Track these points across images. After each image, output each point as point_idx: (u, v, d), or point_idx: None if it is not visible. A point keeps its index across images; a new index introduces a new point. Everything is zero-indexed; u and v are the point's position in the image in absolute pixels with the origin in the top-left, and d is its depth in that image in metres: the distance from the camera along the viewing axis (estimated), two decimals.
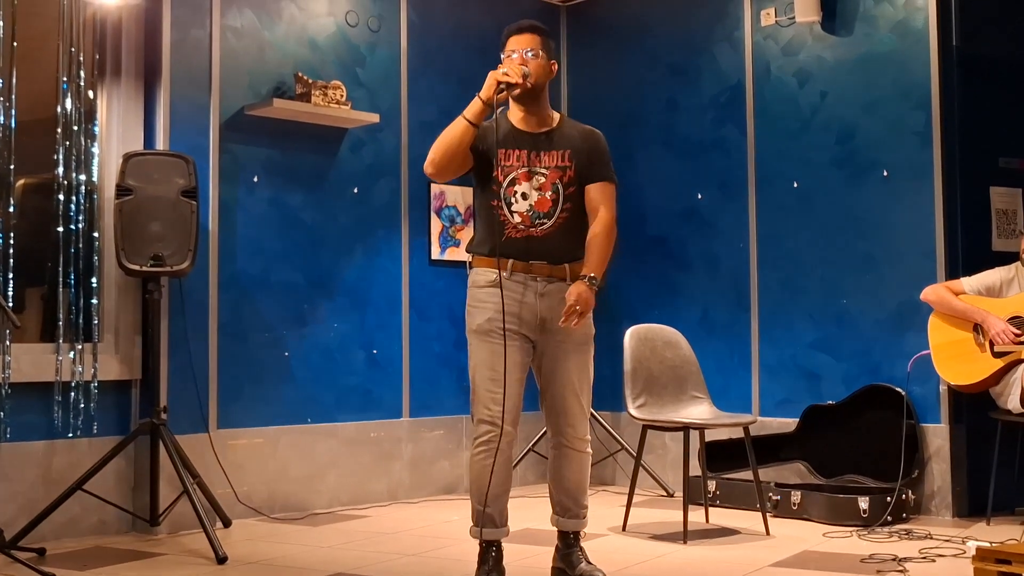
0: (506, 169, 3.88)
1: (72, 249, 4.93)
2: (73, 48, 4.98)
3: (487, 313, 3.82)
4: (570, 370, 3.90)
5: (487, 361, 3.81)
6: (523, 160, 3.89)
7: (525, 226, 3.85)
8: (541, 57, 3.90)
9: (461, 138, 3.81)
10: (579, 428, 3.93)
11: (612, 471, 6.48)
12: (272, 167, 5.54)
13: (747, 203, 6.05)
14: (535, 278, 3.85)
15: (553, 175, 3.88)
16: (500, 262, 3.82)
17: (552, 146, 3.92)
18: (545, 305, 3.84)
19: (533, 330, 3.86)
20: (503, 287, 3.79)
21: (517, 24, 3.96)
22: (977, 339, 4.98)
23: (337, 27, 5.83)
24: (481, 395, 3.82)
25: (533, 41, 3.90)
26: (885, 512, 5.01)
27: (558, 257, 3.87)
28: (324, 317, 5.70)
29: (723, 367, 6.01)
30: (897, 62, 5.52)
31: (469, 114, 3.80)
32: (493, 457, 3.78)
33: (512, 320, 3.81)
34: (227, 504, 5.09)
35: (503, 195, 3.86)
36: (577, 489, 3.98)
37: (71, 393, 4.85)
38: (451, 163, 3.86)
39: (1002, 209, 5.55)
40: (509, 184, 3.87)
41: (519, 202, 3.86)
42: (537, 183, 3.87)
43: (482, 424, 3.81)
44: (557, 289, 3.85)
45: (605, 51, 6.77)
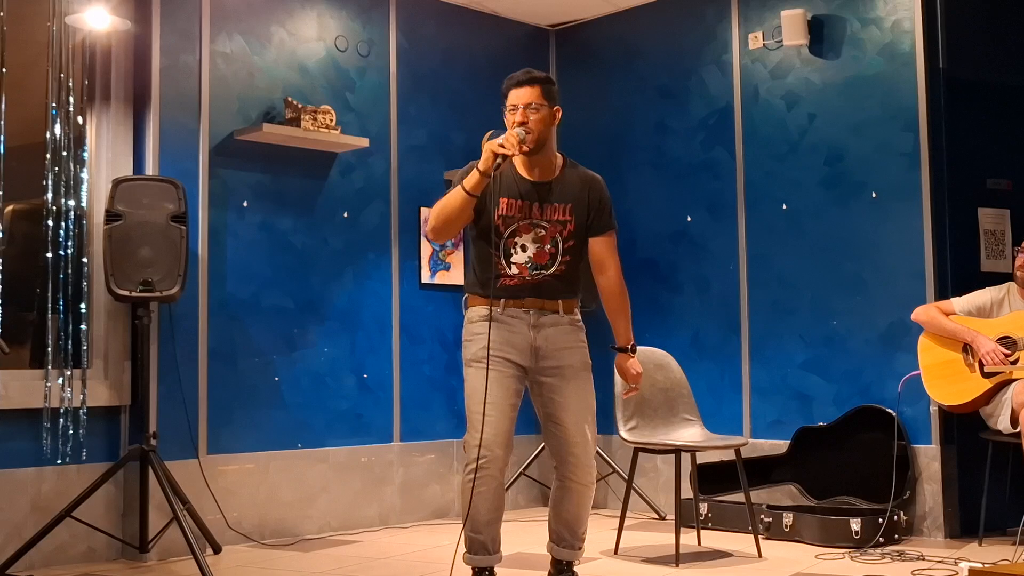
0: (507, 220, 3.89)
1: (61, 275, 4.92)
2: (62, 74, 4.98)
3: (481, 342, 3.83)
4: (570, 397, 3.91)
5: (480, 388, 3.82)
6: (525, 212, 3.89)
7: (521, 275, 3.89)
8: (543, 108, 3.87)
9: (462, 209, 3.82)
10: (583, 460, 3.91)
11: (604, 494, 6.46)
12: (262, 192, 5.54)
13: (737, 225, 6.06)
14: (527, 311, 3.89)
15: (553, 229, 3.91)
16: (493, 303, 3.86)
17: (554, 198, 3.92)
18: (539, 336, 3.89)
19: (527, 359, 3.88)
20: (497, 320, 3.84)
21: (517, 77, 3.92)
22: (967, 359, 4.99)
23: (327, 52, 5.84)
24: (474, 421, 3.82)
25: (533, 94, 3.86)
26: (877, 533, 5.00)
27: (551, 294, 3.93)
28: (314, 341, 5.69)
29: (714, 389, 6.01)
30: (884, 85, 5.54)
31: (468, 186, 3.78)
32: (485, 484, 3.79)
33: (505, 349, 3.85)
34: (217, 530, 5.06)
35: (503, 246, 3.89)
36: (575, 521, 3.98)
37: (60, 419, 4.83)
38: (452, 230, 3.91)
39: (990, 230, 5.57)
40: (510, 235, 3.89)
41: (518, 254, 3.89)
42: (537, 236, 3.90)
43: (476, 449, 3.80)
44: (549, 321, 3.91)
45: (594, 75, 6.79)
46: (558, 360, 3.90)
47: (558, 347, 3.91)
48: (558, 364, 3.90)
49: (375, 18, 6.07)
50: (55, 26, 4.97)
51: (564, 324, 3.94)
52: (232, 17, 5.48)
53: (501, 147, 3.74)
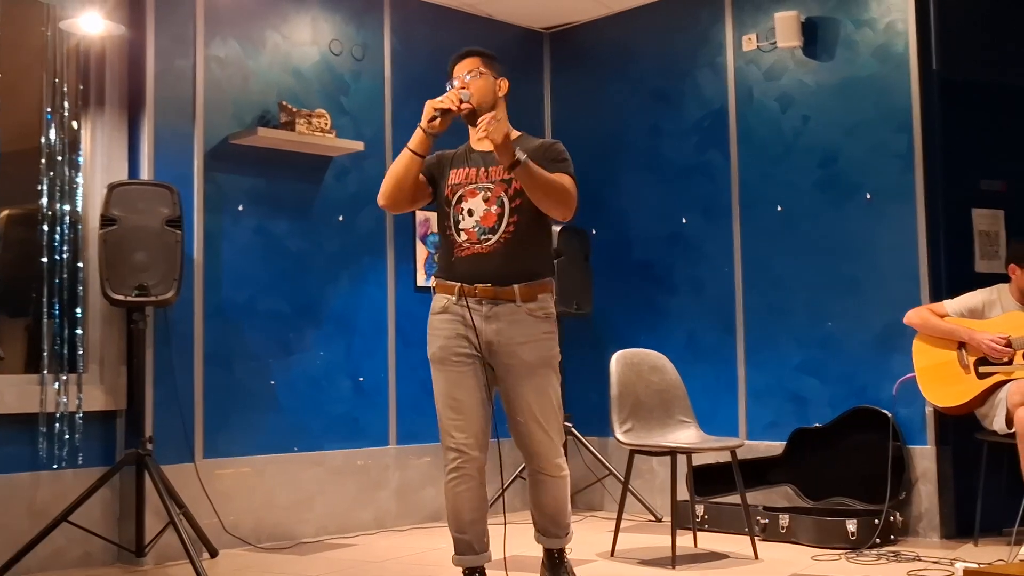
0: (455, 188, 3.90)
1: (56, 280, 4.92)
2: (57, 79, 4.98)
3: (439, 340, 3.82)
4: (526, 395, 3.81)
5: (444, 389, 3.81)
6: (471, 177, 3.89)
7: (471, 243, 3.81)
8: (485, 75, 3.94)
9: (407, 168, 3.83)
10: (547, 454, 3.87)
11: (600, 496, 6.47)
12: (257, 196, 5.54)
13: (731, 227, 6.07)
14: (480, 302, 3.78)
15: (499, 188, 3.83)
16: (451, 286, 3.82)
17: (499, 161, 3.80)
18: (492, 329, 3.78)
19: (484, 353, 3.81)
20: (450, 313, 3.82)
21: (458, 52, 4.04)
22: (961, 361, 5.00)
23: (321, 56, 5.85)
24: (444, 424, 3.80)
25: (474, 63, 3.96)
26: (873, 534, 5.01)
27: (503, 276, 3.78)
28: (310, 345, 5.69)
29: (709, 391, 6.01)
30: (878, 86, 5.56)
31: (412, 144, 3.83)
32: (464, 484, 3.79)
33: (461, 343, 3.80)
34: (214, 534, 5.06)
35: (452, 214, 3.87)
36: (556, 511, 3.96)
37: (56, 424, 4.83)
38: (400, 193, 3.87)
39: (984, 231, 5.58)
40: (457, 201, 3.87)
41: (465, 219, 3.84)
42: (483, 196, 3.84)
43: (449, 452, 3.80)
44: (505, 311, 3.78)
45: (588, 77, 6.80)
46: (510, 357, 3.79)
47: (513, 342, 3.78)
48: (510, 362, 3.79)
49: (369, 22, 6.08)
50: (49, 31, 4.97)
51: (521, 315, 3.80)
52: (226, 21, 5.48)
53: (440, 102, 3.79)
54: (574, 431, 6.28)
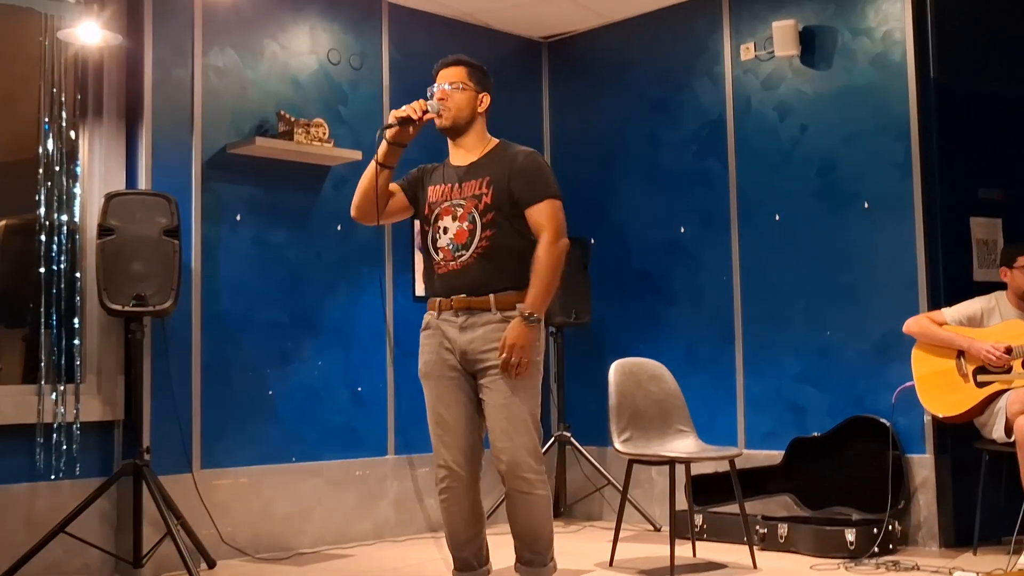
0: (432, 206, 3.87)
1: (54, 290, 4.91)
2: (55, 89, 4.99)
3: (424, 356, 3.85)
4: (493, 407, 3.71)
5: (430, 405, 3.82)
6: (446, 194, 3.86)
7: (446, 260, 3.80)
8: (467, 88, 3.86)
9: (371, 178, 3.81)
10: (512, 468, 3.68)
11: (599, 506, 6.46)
12: (255, 205, 5.54)
13: (730, 236, 6.07)
14: (456, 313, 3.75)
15: (469, 204, 3.78)
16: (433, 302, 3.84)
17: (472, 176, 3.83)
18: (466, 339, 3.73)
19: (464, 364, 3.77)
20: (434, 328, 3.82)
21: (444, 58, 3.96)
22: (960, 369, 4.99)
23: (319, 65, 5.85)
24: (433, 441, 3.78)
25: (459, 73, 3.87)
26: (872, 544, 5.00)
27: (478, 288, 3.73)
28: (308, 355, 5.68)
29: (708, 400, 6.00)
30: (876, 95, 5.56)
31: (378, 154, 3.80)
32: (455, 502, 3.74)
33: (445, 356, 3.79)
34: (211, 545, 5.05)
35: (431, 232, 3.86)
36: (529, 533, 3.77)
37: (53, 435, 4.82)
38: (366, 204, 3.83)
39: (983, 239, 5.58)
40: (435, 220, 3.85)
41: (442, 237, 3.82)
42: (456, 215, 3.81)
43: (439, 470, 3.77)
44: (480, 320, 3.72)
45: (587, 87, 6.81)
46: (483, 362, 3.71)
47: (485, 348, 3.71)
48: (483, 366, 3.72)
49: (367, 31, 6.08)
50: (47, 41, 4.98)
51: (495, 321, 3.72)
52: (224, 31, 5.49)
53: (401, 111, 3.76)
54: (572, 440, 6.28)
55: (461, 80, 3.86)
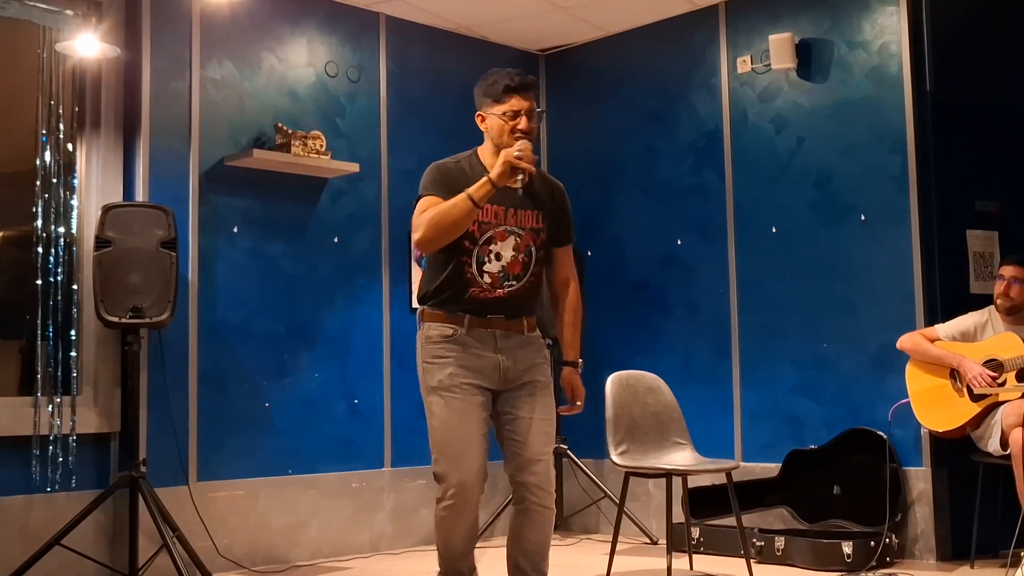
0: (484, 226, 3.61)
1: (51, 301, 4.92)
2: (52, 101, 5.00)
3: (447, 369, 3.62)
4: (535, 417, 3.68)
5: (453, 420, 3.60)
6: (500, 217, 3.63)
7: (493, 287, 3.63)
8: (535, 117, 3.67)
9: (467, 220, 3.53)
10: (544, 480, 3.68)
11: (595, 519, 6.45)
12: (252, 217, 5.54)
13: (727, 248, 6.07)
14: (492, 333, 3.66)
15: (528, 237, 3.67)
16: (458, 318, 3.65)
17: (528, 205, 3.67)
18: (506, 356, 3.67)
19: (495, 382, 3.68)
20: (461, 344, 3.63)
21: (522, 78, 3.65)
22: (955, 384, 5.00)
23: (317, 77, 5.86)
24: (446, 454, 3.60)
25: (533, 102, 3.65)
26: (870, 557, 4.99)
27: (515, 313, 3.71)
28: (305, 367, 5.68)
29: (705, 413, 6.00)
30: (872, 108, 5.57)
31: (477, 196, 3.49)
32: (460, 517, 3.61)
33: (472, 375, 3.63)
34: (208, 557, 5.03)
35: (476, 253, 3.61)
36: (538, 552, 3.72)
37: (49, 447, 4.82)
38: (447, 241, 3.58)
39: (979, 252, 5.58)
40: (485, 242, 3.62)
41: (492, 262, 3.63)
42: (513, 244, 3.64)
43: (449, 485, 3.59)
44: (516, 342, 3.70)
45: (584, 99, 6.82)
46: (527, 377, 3.70)
47: (526, 365, 3.71)
48: (527, 381, 3.70)
49: (365, 44, 6.09)
50: (45, 53, 4.99)
51: (530, 343, 3.74)
52: (222, 43, 5.50)
53: (519, 159, 3.48)
54: (569, 453, 6.27)
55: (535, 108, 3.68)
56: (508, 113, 3.62)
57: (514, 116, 3.62)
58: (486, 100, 3.69)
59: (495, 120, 3.65)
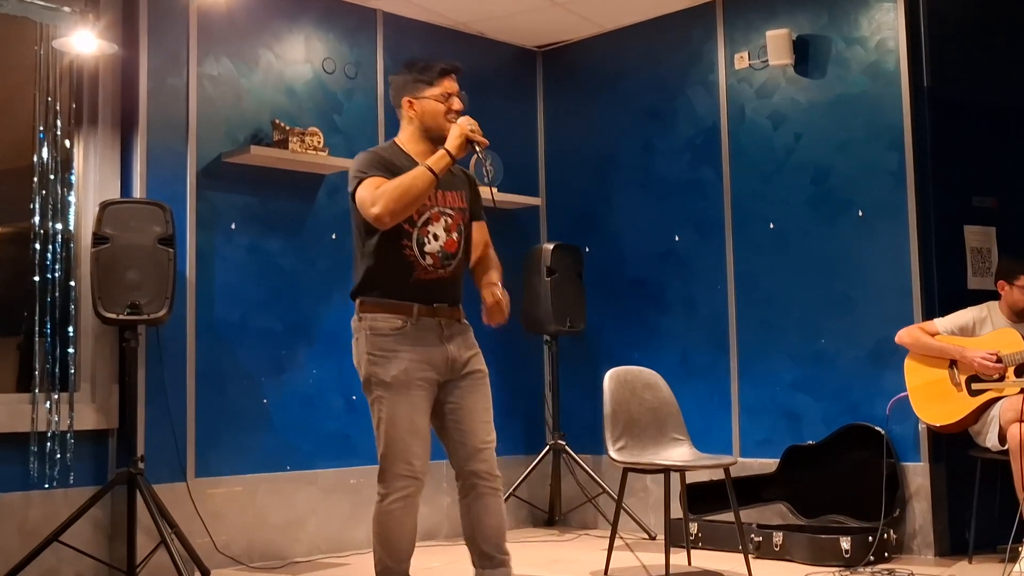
0: (421, 207, 3.69)
1: (48, 298, 4.91)
2: (50, 98, 4.99)
3: (400, 364, 3.65)
4: (478, 404, 3.76)
5: (406, 414, 3.64)
6: (434, 199, 3.73)
7: (435, 267, 3.73)
8: None
9: (427, 192, 3.63)
10: (492, 464, 3.76)
11: (594, 515, 6.45)
12: (250, 214, 5.54)
13: (724, 244, 6.08)
14: (440, 323, 3.74)
15: (458, 217, 3.80)
16: (406, 307, 3.69)
17: (453, 186, 3.82)
18: (454, 346, 3.74)
19: (443, 374, 3.73)
20: (410, 336, 3.68)
21: (452, 63, 3.84)
22: (953, 379, 5.00)
23: (314, 74, 5.86)
24: (400, 449, 3.64)
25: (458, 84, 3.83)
26: (867, 552, 5.00)
27: (454, 299, 3.81)
28: (303, 363, 5.68)
29: (703, 408, 6.00)
30: (870, 104, 5.57)
31: (438, 168, 3.61)
32: (411, 511, 3.65)
33: (427, 368, 3.68)
34: (206, 554, 5.03)
35: (416, 235, 3.70)
36: (498, 534, 3.76)
37: (47, 443, 4.82)
38: (407, 215, 3.67)
39: (976, 247, 5.59)
40: (424, 224, 3.71)
41: (431, 243, 3.72)
42: (446, 224, 3.76)
43: (403, 479, 3.63)
44: (458, 331, 3.78)
45: (581, 95, 6.82)
46: (470, 367, 3.78)
47: (469, 354, 3.80)
48: (470, 371, 3.78)
49: (362, 40, 6.09)
50: (42, 50, 4.98)
51: (468, 331, 3.84)
52: (219, 40, 5.49)
53: (473, 132, 3.66)
54: (567, 449, 6.27)
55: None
56: (443, 95, 3.77)
57: (448, 98, 3.77)
58: (418, 86, 3.80)
59: (429, 103, 3.77)
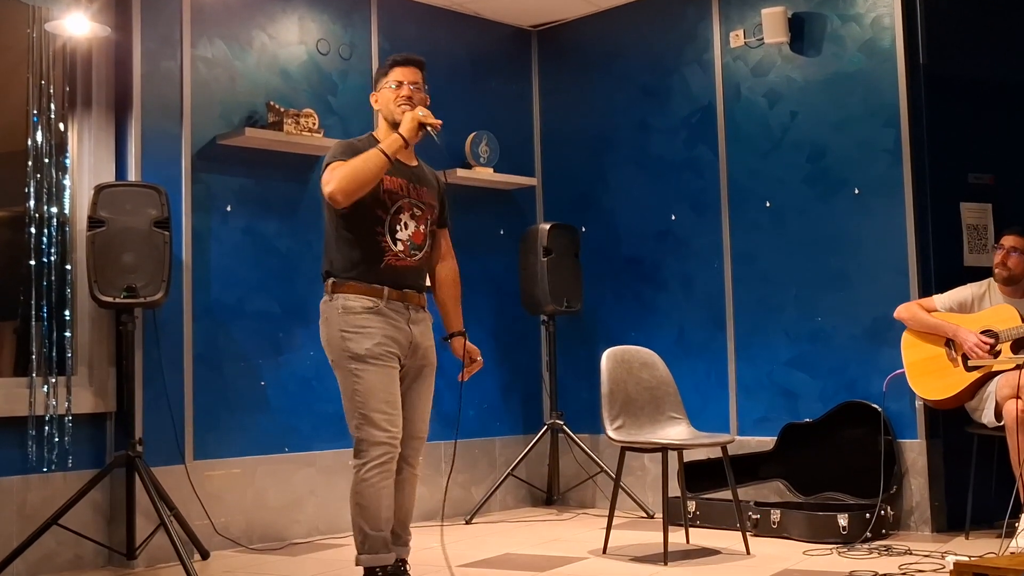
0: (393, 196, 3.91)
1: (44, 282, 4.90)
2: (43, 81, 4.97)
3: (373, 339, 3.83)
4: (426, 396, 4.03)
5: (380, 384, 3.83)
6: (405, 189, 3.95)
7: (404, 255, 3.92)
8: (424, 91, 4.01)
9: (379, 173, 3.81)
10: (420, 450, 4.04)
11: (592, 494, 6.47)
12: (245, 196, 5.53)
13: (720, 223, 6.08)
14: (407, 306, 3.93)
15: (427, 212, 4.00)
16: (377, 290, 3.87)
17: (424, 183, 4.03)
18: (417, 331, 3.96)
19: (405, 355, 3.93)
20: (382, 314, 3.86)
21: (404, 55, 4.04)
22: (950, 354, 5.02)
23: (308, 55, 5.83)
24: (376, 418, 3.81)
25: (418, 75, 4.00)
26: (865, 529, 5.02)
27: (420, 287, 4.01)
28: (300, 345, 5.68)
29: (700, 387, 6.02)
30: (865, 81, 5.56)
31: (390, 150, 3.81)
32: (389, 477, 3.83)
33: (392, 344, 3.87)
34: (205, 536, 5.05)
35: (388, 222, 3.90)
36: (408, 515, 4.04)
37: (45, 427, 4.81)
38: (361, 193, 3.82)
39: (973, 225, 5.59)
40: (396, 211, 3.91)
41: (402, 231, 3.93)
42: (415, 215, 3.96)
43: (380, 446, 3.81)
44: (420, 317, 3.98)
45: (576, 75, 6.80)
46: (426, 358, 4.01)
47: (427, 344, 4.01)
48: (425, 362, 4.01)
49: (356, 21, 6.07)
50: (35, 33, 4.95)
51: (429, 320, 4.05)
52: (213, 22, 5.47)
53: (425, 117, 3.84)
54: (565, 428, 6.28)
55: (421, 82, 4.01)
56: (393, 84, 3.97)
57: (398, 86, 3.96)
58: (378, 80, 4.05)
59: (384, 93, 3.99)
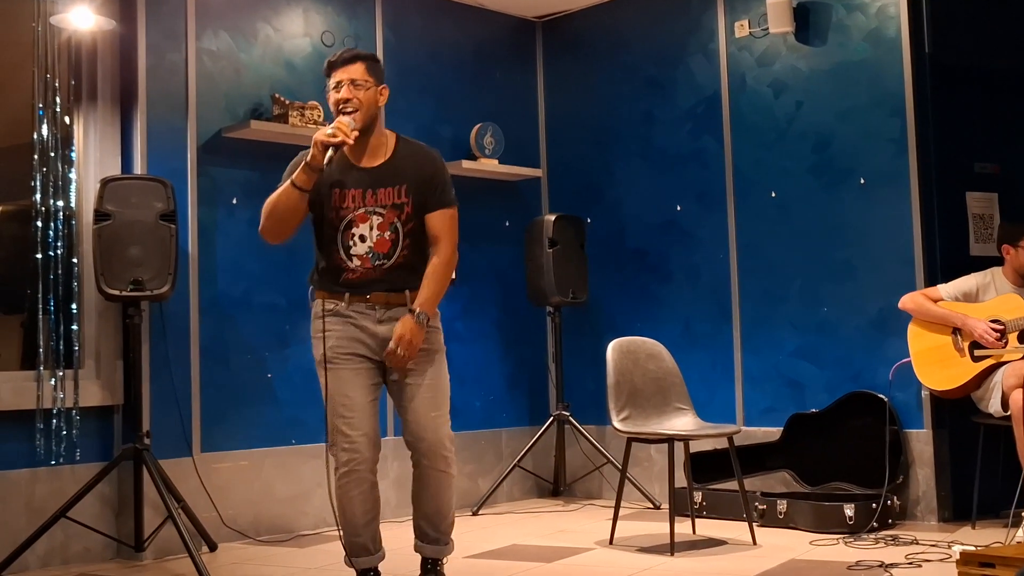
0: (341, 212, 3.73)
1: (51, 275, 4.91)
2: (48, 74, 4.97)
3: (330, 341, 3.74)
4: (419, 386, 3.78)
5: (335, 388, 3.72)
6: (358, 200, 3.73)
7: (364, 268, 3.74)
8: (369, 84, 3.74)
9: (296, 206, 3.69)
10: (434, 446, 3.78)
11: (598, 484, 6.48)
12: (251, 189, 5.53)
13: (726, 214, 6.07)
14: (372, 307, 3.75)
15: (391, 214, 3.74)
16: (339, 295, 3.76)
17: (387, 182, 3.75)
18: (386, 329, 3.74)
19: (376, 353, 3.76)
20: (341, 316, 3.75)
21: (340, 55, 3.80)
22: (956, 344, 5.01)
23: (313, 47, 5.83)
24: (338, 424, 3.71)
25: (359, 70, 3.74)
26: (871, 519, 5.02)
27: (396, 287, 3.77)
28: (306, 337, 5.59)
29: (706, 378, 6.02)
30: (871, 71, 5.55)
31: (299, 181, 3.65)
32: (357, 485, 3.71)
33: (354, 345, 3.74)
34: (212, 528, 5.07)
35: (340, 239, 3.74)
36: (436, 513, 3.85)
37: (53, 420, 4.83)
38: (286, 230, 3.76)
39: (979, 214, 5.58)
40: (346, 228, 3.74)
41: (357, 245, 3.73)
42: (375, 224, 3.74)
43: (343, 452, 3.71)
44: (398, 313, 3.74)
45: (581, 65, 6.80)
46: None
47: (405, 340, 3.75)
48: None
49: (361, 13, 6.06)
50: (40, 26, 4.96)
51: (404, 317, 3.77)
52: (218, 14, 5.47)
53: (331, 136, 3.60)
54: (572, 420, 6.29)
55: (363, 77, 3.74)
56: (332, 86, 3.77)
57: (336, 87, 3.75)
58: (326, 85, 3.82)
59: (331, 96, 3.78)
